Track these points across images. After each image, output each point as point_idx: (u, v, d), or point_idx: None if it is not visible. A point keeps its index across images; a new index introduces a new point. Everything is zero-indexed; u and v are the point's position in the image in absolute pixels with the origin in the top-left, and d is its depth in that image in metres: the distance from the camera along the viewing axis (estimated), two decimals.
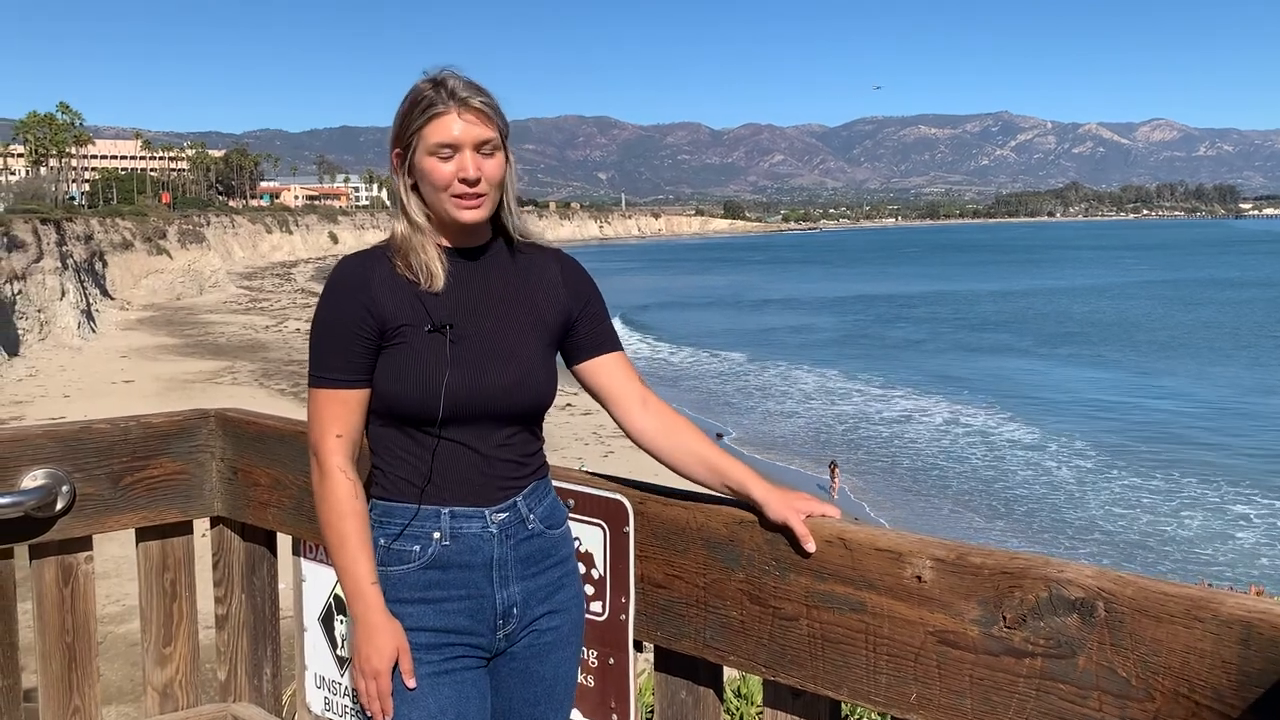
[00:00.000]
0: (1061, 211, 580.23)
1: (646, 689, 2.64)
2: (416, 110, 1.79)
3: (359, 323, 1.78)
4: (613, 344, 1.97)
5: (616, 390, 1.94)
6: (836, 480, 27.34)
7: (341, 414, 1.80)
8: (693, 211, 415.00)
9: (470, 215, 1.81)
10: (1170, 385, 45.01)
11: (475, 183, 1.79)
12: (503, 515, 1.86)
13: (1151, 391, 43.51)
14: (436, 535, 1.82)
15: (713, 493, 1.93)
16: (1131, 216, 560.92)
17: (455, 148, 1.78)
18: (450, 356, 1.79)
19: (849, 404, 41.34)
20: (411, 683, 1.78)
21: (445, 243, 1.86)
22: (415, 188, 1.83)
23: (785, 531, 1.76)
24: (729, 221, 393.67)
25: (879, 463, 30.87)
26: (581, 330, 1.94)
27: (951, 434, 35.60)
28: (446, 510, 1.82)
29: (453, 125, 1.78)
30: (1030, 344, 59.50)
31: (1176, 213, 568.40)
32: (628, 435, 1.95)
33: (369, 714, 1.79)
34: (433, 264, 1.81)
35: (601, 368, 1.95)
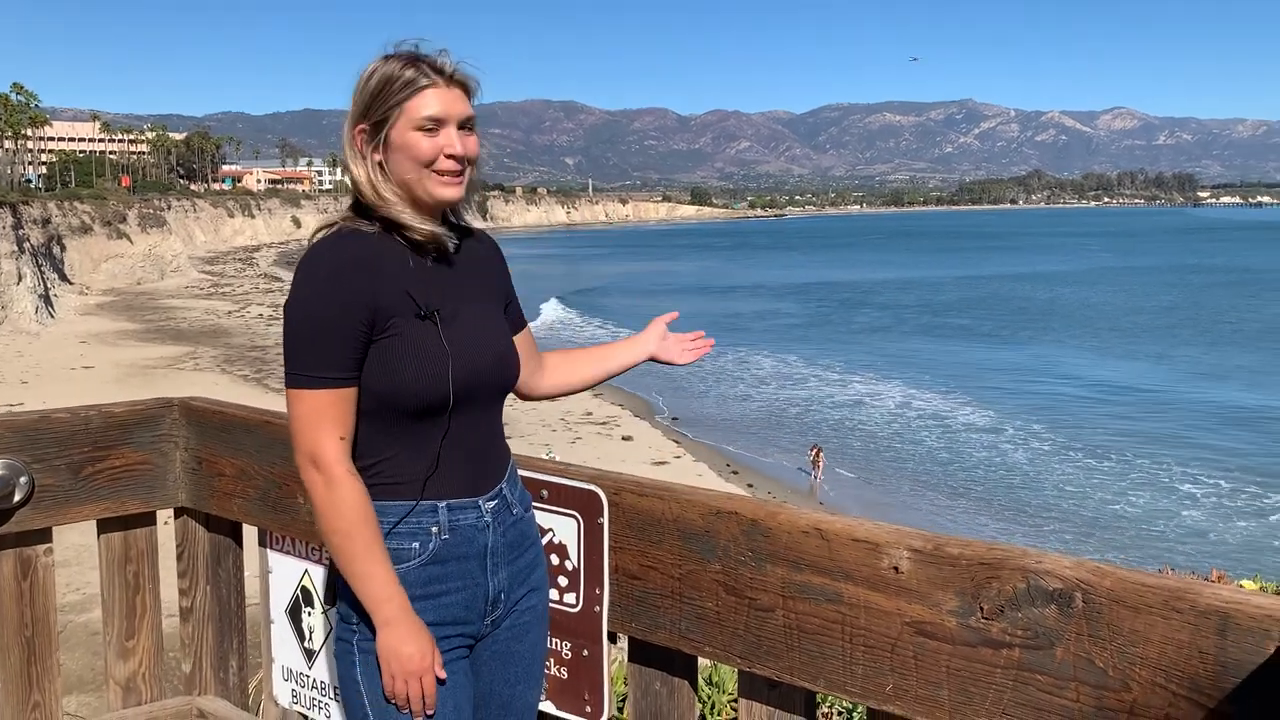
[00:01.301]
0: (1024, 199, 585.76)
1: (619, 679, 2.63)
2: (398, 83, 1.74)
3: (360, 314, 1.70)
4: (524, 321, 2.05)
5: (528, 364, 2.03)
6: (820, 466, 26.81)
7: (342, 415, 1.72)
8: (660, 198, 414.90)
9: (451, 193, 1.79)
10: (1129, 369, 45.69)
11: (461, 159, 1.77)
12: (493, 503, 1.85)
13: (1110, 375, 44.13)
14: (435, 530, 1.79)
15: (688, 484, 1.93)
16: (1093, 204, 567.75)
17: (441, 123, 1.76)
18: (447, 341, 1.75)
19: (804, 389, 41.44)
20: (443, 674, 1.75)
21: None
22: (381, 166, 1.77)
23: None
24: (696, 208, 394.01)
25: (830, 444, 31.00)
26: (510, 310, 1.98)
27: (904, 417, 35.97)
28: (444, 504, 1.79)
29: (440, 99, 1.75)
30: (991, 329, 60.11)
31: (1137, 200, 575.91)
32: (531, 396, 2.09)
33: (409, 713, 1.73)
34: (442, 237, 1.80)
35: (519, 345, 2.01)
